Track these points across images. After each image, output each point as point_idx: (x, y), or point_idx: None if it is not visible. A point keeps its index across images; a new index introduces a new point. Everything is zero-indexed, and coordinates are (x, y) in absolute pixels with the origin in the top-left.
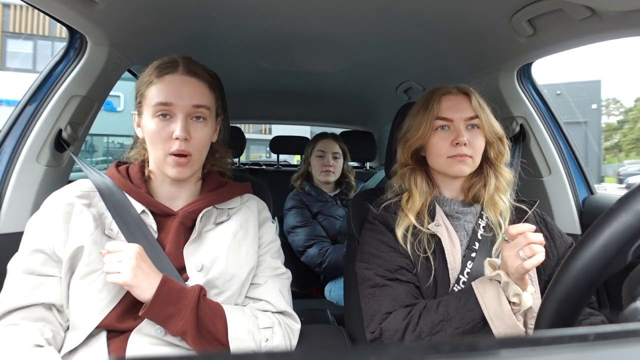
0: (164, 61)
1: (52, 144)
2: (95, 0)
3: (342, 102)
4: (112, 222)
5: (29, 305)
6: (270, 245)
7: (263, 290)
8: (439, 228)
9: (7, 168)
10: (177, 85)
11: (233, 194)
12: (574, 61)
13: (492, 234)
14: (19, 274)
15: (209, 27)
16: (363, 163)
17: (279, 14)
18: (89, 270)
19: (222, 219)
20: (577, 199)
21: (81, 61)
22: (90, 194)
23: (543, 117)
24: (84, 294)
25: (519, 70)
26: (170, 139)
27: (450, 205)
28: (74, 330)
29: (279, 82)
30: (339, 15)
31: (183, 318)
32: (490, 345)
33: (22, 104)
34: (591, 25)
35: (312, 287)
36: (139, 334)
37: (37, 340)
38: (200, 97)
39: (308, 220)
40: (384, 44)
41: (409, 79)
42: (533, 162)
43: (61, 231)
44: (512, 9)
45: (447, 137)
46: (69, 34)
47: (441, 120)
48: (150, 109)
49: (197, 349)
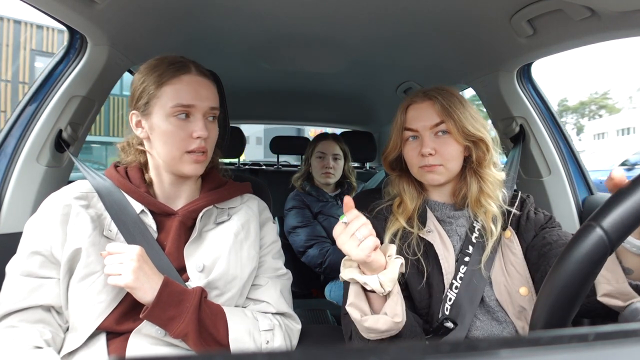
0: (172, 61)
1: (52, 144)
2: (95, 1)
3: (342, 102)
4: (111, 222)
5: (27, 307)
6: (271, 246)
7: (264, 292)
8: (431, 234)
9: (7, 168)
10: (195, 86)
11: (233, 193)
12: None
13: (483, 239)
14: (17, 276)
15: (209, 27)
16: (363, 163)
17: (278, 14)
18: (88, 272)
19: (222, 218)
20: (577, 199)
21: (81, 61)
22: (88, 195)
23: (543, 117)
24: (83, 296)
25: (518, 71)
26: (189, 138)
27: (441, 210)
28: (73, 332)
29: (278, 82)
30: (339, 16)
31: (184, 321)
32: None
33: (23, 105)
34: (591, 26)
35: (312, 288)
36: (139, 335)
37: (37, 342)
38: (214, 99)
39: (309, 220)
40: (383, 44)
41: (409, 79)
42: (533, 162)
43: (59, 233)
44: (512, 10)
45: (415, 148)
46: (69, 34)
47: (408, 131)
48: (165, 109)
49: (197, 351)
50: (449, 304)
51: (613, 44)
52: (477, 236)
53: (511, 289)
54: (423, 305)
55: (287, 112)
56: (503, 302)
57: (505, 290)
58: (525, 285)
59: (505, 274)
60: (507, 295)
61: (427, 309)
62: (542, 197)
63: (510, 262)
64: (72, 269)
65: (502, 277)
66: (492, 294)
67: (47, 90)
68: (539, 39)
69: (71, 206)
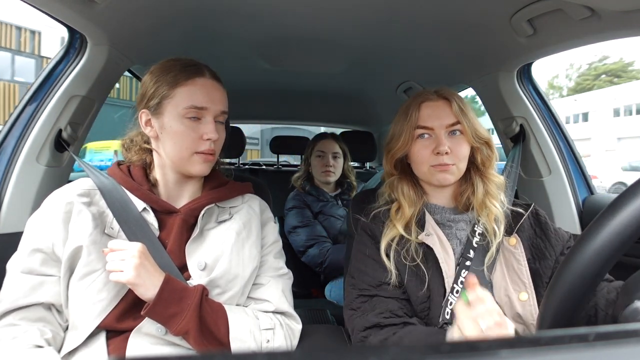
0: (186, 63)
1: (52, 144)
2: (95, 0)
3: (342, 102)
4: (112, 220)
5: (28, 305)
6: (273, 246)
7: (265, 291)
8: (430, 237)
9: (7, 168)
10: (209, 89)
11: (235, 192)
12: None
13: (487, 241)
14: (18, 274)
15: (209, 27)
16: (363, 163)
17: (278, 14)
18: (89, 271)
19: (224, 217)
20: (577, 199)
21: (81, 61)
22: (91, 192)
23: (543, 117)
24: (84, 294)
25: (518, 71)
26: (200, 139)
27: (441, 214)
28: (73, 330)
29: (279, 82)
30: (339, 15)
31: (185, 318)
32: (490, 345)
33: (22, 104)
34: (591, 25)
35: (312, 288)
36: (139, 334)
37: (37, 341)
38: (225, 103)
39: (309, 220)
40: (383, 44)
41: (409, 79)
42: (533, 162)
43: (61, 230)
44: (512, 9)
45: (428, 146)
46: (69, 34)
47: (421, 129)
48: (178, 109)
49: (198, 349)
50: (449, 308)
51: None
52: (478, 240)
53: (512, 294)
54: (422, 308)
55: (287, 112)
56: (502, 306)
57: (505, 295)
58: (526, 291)
59: (506, 279)
60: (507, 299)
61: (426, 312)
62: (542, 197)
63: (513, 269)
64: (72, 267)
65: (503, 281)
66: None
67: (47, 90)
68: (539, 39)
69: (73, 204)
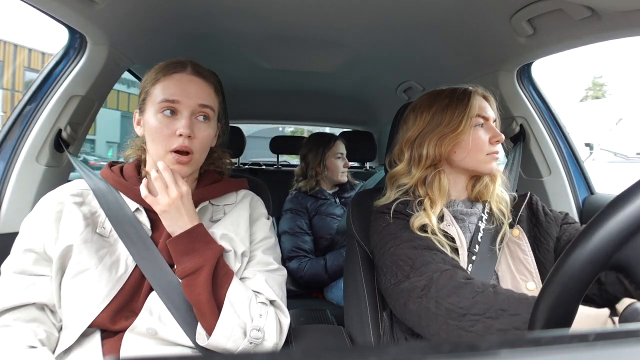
0: (172, 61)
1: (51, 144)
2: (95, 0)
3: (342, 102)
4: (105, 220)
5: (21, 305)
6: (263, 242)
7: (251, 282)
8: (451, 228)
9: (7, 168)
10: (185, 83)
11: (228, 188)
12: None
13: (495, 225)
14: (11, 274)
15: (209, 27)
16: (363, 163)
17: (278, 14)
18: (80, 269)
19: (218, 216)
20: (577, 199)
21: (81, 61)
22: (84, 192)
23: (543, 117)
24: (76, 292)
25: (518, 70)
26: (173, 135)
27: (454, 207)
28: (67, 329)
29: (278, 82)
30: (339, 15)
31: (204, 255)
32: (490, 345)
33: (22, 104)
34: (591, 25)
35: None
36: (132, 334)
37: (31, 342)
38: (206, 98)
39: (299, 229)
40: (383, 44)
41: (409, 79)
42: (533, 162)
43: (52, 230)
44: (512, 9)
45: (487, 134)
46: (69, 34)
47: (481, 118)
48: (154, 105)
49: (190, 297)
50: None
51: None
52: (484, 227)
53: (519, 284)
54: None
55: (287, 112)
56: None
57: (512, 286)
58: (533, 280)
59: (512, 269)
60: (514, 290)
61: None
62: (542, 197)
63: (519, 259)
64: (64, 266)
65: (509, 273)
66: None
67: (47, 89)
68: (539, 39)
69: (64, 203)
